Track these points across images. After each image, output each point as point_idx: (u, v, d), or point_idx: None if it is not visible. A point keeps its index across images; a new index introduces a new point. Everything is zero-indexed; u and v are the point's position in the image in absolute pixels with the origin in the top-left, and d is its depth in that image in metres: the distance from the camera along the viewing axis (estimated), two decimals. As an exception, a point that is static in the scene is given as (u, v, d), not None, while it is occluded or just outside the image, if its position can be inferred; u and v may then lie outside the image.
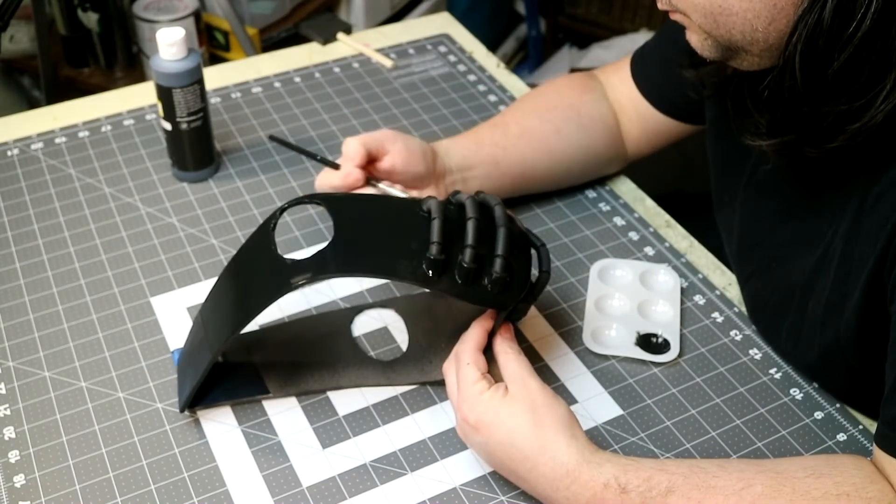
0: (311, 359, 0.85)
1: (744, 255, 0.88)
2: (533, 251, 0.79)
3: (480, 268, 0.74)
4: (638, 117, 1.02)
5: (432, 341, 0.86)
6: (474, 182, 0.96)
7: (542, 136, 0.99)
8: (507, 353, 0.75)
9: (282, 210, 0.79)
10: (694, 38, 0.73)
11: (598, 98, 1.03)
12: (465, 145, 0.97)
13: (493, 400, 0.72)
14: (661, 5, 0.74)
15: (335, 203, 0.79)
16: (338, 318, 0.89)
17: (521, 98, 1.06)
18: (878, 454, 0.68)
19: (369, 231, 0.77)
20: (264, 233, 0.78)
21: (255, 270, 0.78)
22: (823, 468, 0.68)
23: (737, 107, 0.77)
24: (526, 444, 0.70)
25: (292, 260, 0.75)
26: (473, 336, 0.77)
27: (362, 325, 0.89)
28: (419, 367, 0.85)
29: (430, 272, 0.73)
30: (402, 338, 0.88)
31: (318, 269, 0.73)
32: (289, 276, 0.74)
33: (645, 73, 1.01)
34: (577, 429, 0.71)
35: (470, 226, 0.75)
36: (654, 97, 1.00)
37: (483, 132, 0.99)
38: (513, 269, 0.75)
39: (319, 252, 0.74)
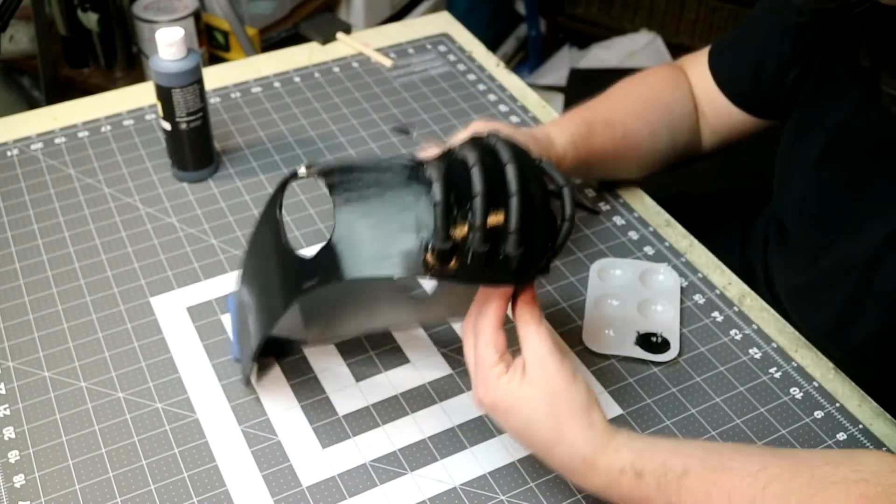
0: (348, 301, 0.84)
1: (808, 231, 0.87)
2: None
3: (494, 246, 0.68)
4: (711, 112, 1.01)
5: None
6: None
7: (638, 139, 0.98)
8: (528, 325, 0.71)
9: (283, 184, 0.76)
10: None
11: (687, 95, 1.02)
12: (573, 143, 0.92)
13: (510, 386, 0.70)
14: None
15: (335, 175, 0.73)
16: None
17: (622, 89, 1.03)
18: None
19: (368, 226, 0.71)
20: (270, 215, 0.77)
21: (269, 267, 0.77)
22: (842, 458, 0.67)
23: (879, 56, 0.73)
24: (543, 433, 0.69)
25: (300, 261, 0.74)
26: (493, 311, 0.72)
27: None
28: (447, 302, 0.84)
29: (435, 263, 0.68)
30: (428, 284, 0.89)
31: (325, 277, 0.71)
32: (298, 282, 0.72)
33: (722, 62, 1.00)
34: (596, 413, 0.70)
35: (478, 204, 0.67)
36: (728, 88, 0.99)
37: (597, 129, 0.95)
38: (531, 237, 0.69)
39: (324, 253, 0.71)
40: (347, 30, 1.32)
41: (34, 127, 1.14)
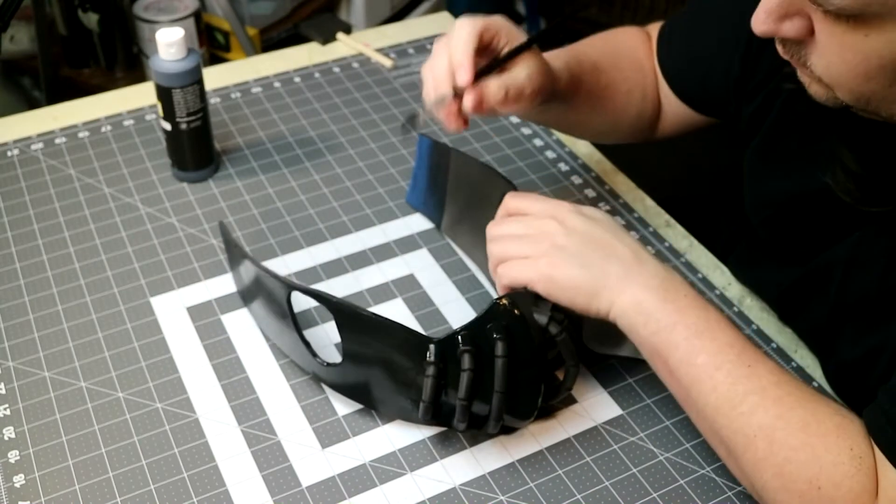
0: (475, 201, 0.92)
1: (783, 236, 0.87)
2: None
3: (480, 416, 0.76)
4: (664, 97, 0.98)
5: None
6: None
7: (615, 93, 0.94)
8: None
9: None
10: (816, 90, 0.66)
11: (654, 67, 0.99)
12: (567, 69, 0.87)
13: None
14: (784, 55, 0.66)
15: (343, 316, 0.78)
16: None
17: (604, 39, 0.99)
18: (873, 447, 0.66)
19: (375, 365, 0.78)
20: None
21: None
22: (836, 407, 0.69)
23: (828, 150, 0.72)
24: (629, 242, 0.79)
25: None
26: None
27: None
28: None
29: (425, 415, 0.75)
30: None
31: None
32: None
33: (669, 51, 0.96)
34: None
35: (464, 378, 0.73)
36: (675, 83, 0.95)
37: (587, 68, 0.90)
38: (517, 393, 0.75)
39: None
40: (347, 30, 1.32)
41: (34, 127, 1.14)
